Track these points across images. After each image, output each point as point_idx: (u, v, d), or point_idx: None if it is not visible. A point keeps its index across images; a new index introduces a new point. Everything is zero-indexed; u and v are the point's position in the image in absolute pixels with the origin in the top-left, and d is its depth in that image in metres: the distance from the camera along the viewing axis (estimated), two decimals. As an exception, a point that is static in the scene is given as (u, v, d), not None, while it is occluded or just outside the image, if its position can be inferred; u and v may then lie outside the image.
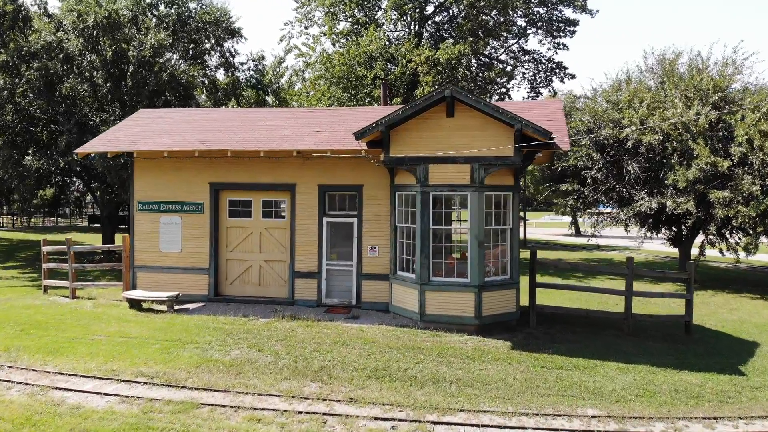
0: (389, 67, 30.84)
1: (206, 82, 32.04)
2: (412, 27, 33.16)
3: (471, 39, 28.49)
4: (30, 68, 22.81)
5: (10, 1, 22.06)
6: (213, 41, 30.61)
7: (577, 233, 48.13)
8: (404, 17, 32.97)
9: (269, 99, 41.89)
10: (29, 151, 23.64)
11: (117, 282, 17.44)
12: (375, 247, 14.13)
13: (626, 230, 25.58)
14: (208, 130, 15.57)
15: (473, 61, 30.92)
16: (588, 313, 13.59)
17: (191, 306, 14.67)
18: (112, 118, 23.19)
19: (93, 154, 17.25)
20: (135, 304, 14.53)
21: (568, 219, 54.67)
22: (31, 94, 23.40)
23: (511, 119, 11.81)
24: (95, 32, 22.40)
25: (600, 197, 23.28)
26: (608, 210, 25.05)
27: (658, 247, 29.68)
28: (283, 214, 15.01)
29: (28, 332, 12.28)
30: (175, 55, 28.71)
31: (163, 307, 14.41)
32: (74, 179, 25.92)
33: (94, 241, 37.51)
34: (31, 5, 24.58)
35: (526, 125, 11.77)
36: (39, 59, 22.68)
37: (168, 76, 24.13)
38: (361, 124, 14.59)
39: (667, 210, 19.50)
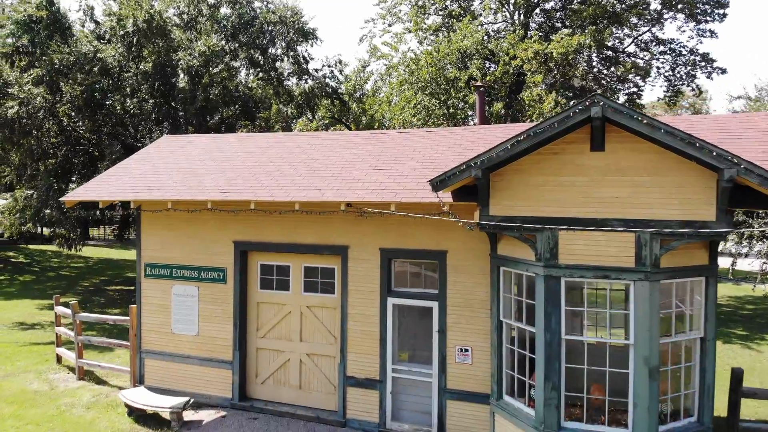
0: (487, 66, 25.53)
1: (280, 92, 28.26)
2: (515, 17, 27.63)
3: (593, 27, 22.57)
4: (70, 82, 19.74)
5: (46, 5, 19.06)
6: (284, 45, 26.72)
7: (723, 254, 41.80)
8: (506, 6, 27.52)
9: (354, 106, 37.75)
10: (73, 179, 20.72)
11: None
12: (467, 350, 9.14)
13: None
14: (235, 166, 11.28)
15: (594, 55, 24.92)
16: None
17: (206, 418, 10.42)
18: (160, 140, 19.77)
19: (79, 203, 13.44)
20: (135, 409, 10.56)
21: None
22: (73, 113, 20.37)
23: (717, 159, 6.46)
24: (135, 39, 19.03)
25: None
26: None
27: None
28: (331, 287, 10.40)
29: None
30: (239, 65, 24.93)
31: (168, 415, 10.28)
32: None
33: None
34: (75, 10, 21.68)
35: (745, 171, 6.39)
36: (81, 71, 19.57)
37: (220, 89, 20.25)
38: (445, 155, 9.72)
39: None
